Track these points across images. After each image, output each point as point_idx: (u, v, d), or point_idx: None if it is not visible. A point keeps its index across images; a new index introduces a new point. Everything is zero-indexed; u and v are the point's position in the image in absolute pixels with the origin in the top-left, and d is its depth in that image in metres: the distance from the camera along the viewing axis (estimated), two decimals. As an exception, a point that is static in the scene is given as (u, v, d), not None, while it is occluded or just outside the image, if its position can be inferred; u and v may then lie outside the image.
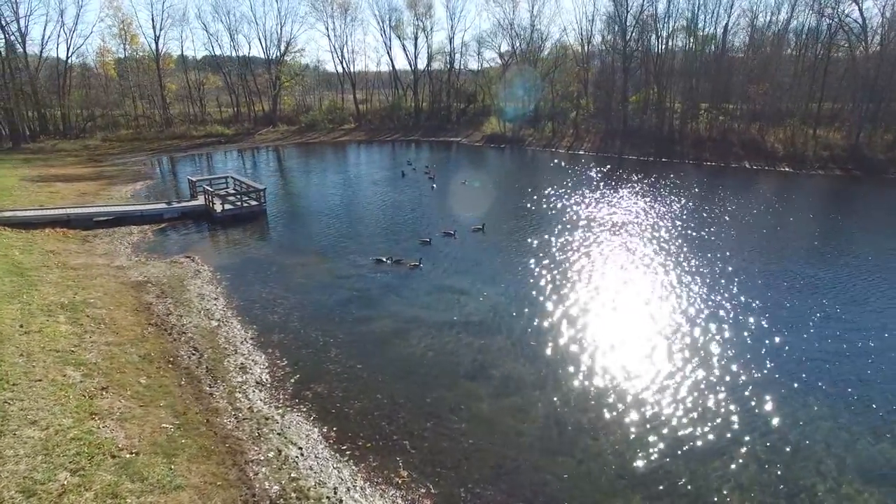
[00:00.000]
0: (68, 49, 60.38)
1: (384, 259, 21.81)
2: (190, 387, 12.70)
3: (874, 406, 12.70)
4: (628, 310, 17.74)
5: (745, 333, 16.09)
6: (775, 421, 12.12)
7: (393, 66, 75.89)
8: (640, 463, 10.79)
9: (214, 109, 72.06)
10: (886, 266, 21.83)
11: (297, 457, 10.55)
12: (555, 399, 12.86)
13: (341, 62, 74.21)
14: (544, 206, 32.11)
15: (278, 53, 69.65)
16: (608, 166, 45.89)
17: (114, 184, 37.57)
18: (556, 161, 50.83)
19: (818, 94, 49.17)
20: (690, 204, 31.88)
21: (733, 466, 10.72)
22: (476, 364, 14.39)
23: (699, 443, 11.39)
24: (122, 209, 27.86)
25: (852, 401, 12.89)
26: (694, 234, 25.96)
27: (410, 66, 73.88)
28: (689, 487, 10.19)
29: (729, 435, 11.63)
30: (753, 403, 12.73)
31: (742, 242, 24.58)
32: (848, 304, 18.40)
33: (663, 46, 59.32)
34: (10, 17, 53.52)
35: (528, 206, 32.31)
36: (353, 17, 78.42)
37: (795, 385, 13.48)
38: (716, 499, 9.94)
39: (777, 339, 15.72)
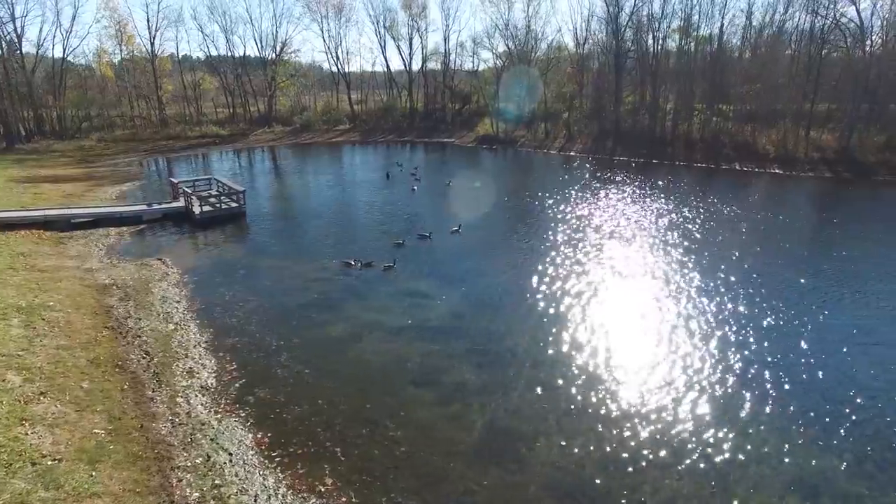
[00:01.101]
0: (64, 50, 60.94)
1: (352, 262, 21.78)
2: (132, 391, 12.72)
3: (810, 414, 12.52)
4: (587, 316, 17.58)
5: (698, 339, 15.91)
6: (713, 430, 11.95)
7: (388, 67, 76.09)
8: (572, 473, 10.68)
9: (210, 110, 72.38)
10: (851, 271, 21.52)
11: (224, 463, 10.54)
12: (498, 407, 12.76)
13: (336, 63, 74.46)
14: (527, 207, 32.03)
15: (274, 54, 69.92)
16: (598, 167, 45.70)
17: (101, 185, 37.84)
18: (546, 162, 50.75)
19: (812, 95, 48.64)
20: (670, 206, 31.62)
21: (668, 478, 10.57)
22: (425, 370, 14.32)
23: (636, 453, 11.24)
24: (100, 211, 28.01)
25: (790, 408, 12.71)
26: (669, 237, 25.73)
27: (405, 66, 73.96)
28: (618, 499, 10.07)
29: (665, 446, 11.48)
30: (694, 412, 12.57)
31: (713, 246, 24.33)
32: (807, 309, 18.13)
33: (658, 47, 59.13)
34: (5, 18, 54.15)
35: (511, 207, 32.26)
36: (347, 18, 78.89)
37: (737, 392, 13.32)
38: (643, 510, 9.85)
39: (727, 344, 15.55)
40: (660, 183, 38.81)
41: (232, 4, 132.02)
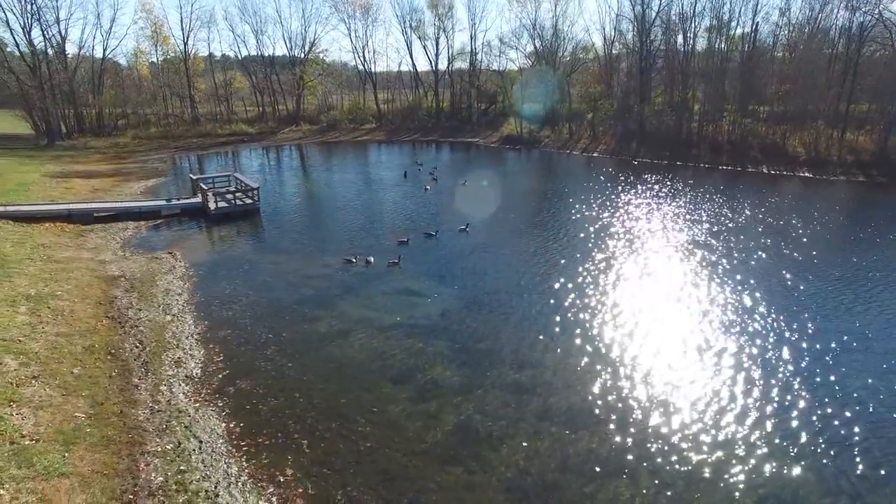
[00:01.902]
0: (104, 50, 63.63)
1: (353, 259, 22.07)
2: (119, 378, 13.25)
3: (786, 422, 12.07)
4: (578, 319, 17.34)
5: (684, 346, 15.51)
6: (685, 438, 11.67)
7: (414, 67, 76.51)
8: (532, 476, 10.59)
9: (240, 109, 74.32)
10: (865, 279, 20.55)
11: (193, 450, 10.88)
12: (472, 407, 12.74)
13: (363, 63, 75.28)
14: (539, 208, 31.84)
15: (303, 54, 71.27)
16: (619, 169, 44.88)
17: (129, 180, 39.35)
18: (567, 163, 50.20)
19: (847, 95, 46.54)
20: (683, 209, 30.83)
21: (631, 486, 10.39)
22: (406, 367, 14.42)
23: (599, 460, 11.07)
24: (122, 205, 29.19)
25: (766, 416, 12.28)
26: (675, 241, 25.10)
27: (431, 66, 74.22)
28: None
29: (630, 453, 11.25)
30: (668, 419, 12.29)
31: (719, 252, 23.61)
32: (803, 316, 17.43)
33: (688, 47, 57.64)
34: (51, 20, 56.87)
35: (523, 208, 32.05)
36: (374, 18, 79.56)
37: (714, 401, 12.94)
38: (599, 516, 9.71)
39: (712, 352, 15.10)
40: (680, 186, 37.86)
41: (262, 5, 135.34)
